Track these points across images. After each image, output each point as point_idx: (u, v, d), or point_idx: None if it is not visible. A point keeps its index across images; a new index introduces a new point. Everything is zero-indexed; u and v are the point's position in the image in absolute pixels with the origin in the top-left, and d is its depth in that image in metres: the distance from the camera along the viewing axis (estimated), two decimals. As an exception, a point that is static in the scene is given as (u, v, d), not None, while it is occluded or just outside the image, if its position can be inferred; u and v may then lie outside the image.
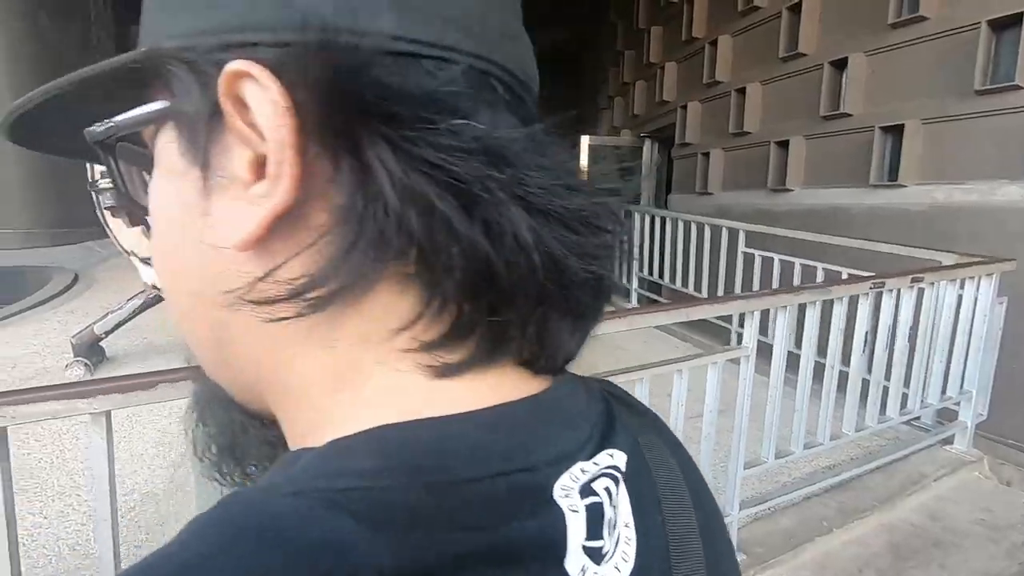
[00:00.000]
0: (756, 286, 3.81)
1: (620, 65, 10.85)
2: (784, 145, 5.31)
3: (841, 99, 4.51)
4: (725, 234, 4.21)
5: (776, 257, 3.88)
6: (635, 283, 5.41)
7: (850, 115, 4.43)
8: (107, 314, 3.68)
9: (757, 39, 6.35)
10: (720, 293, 4.29)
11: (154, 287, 3.02)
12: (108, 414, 1.08)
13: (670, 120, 8.45)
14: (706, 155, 6.89)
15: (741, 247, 4.03)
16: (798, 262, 3.72)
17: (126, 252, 3.28)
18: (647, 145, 10.05)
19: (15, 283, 6.02)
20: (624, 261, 0.31)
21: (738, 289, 4.11)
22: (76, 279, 6.02)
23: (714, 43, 7.00)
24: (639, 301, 5.44)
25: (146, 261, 3.16)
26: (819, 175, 4.83)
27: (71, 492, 2.52)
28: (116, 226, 3.29)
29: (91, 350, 3.70)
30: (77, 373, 3.57)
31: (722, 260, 4.21)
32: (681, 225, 4.73)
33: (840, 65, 4.55)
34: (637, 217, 5.40)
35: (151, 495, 2.53)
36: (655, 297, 5.31)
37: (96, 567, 1.22)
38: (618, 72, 11.02)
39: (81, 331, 3.68)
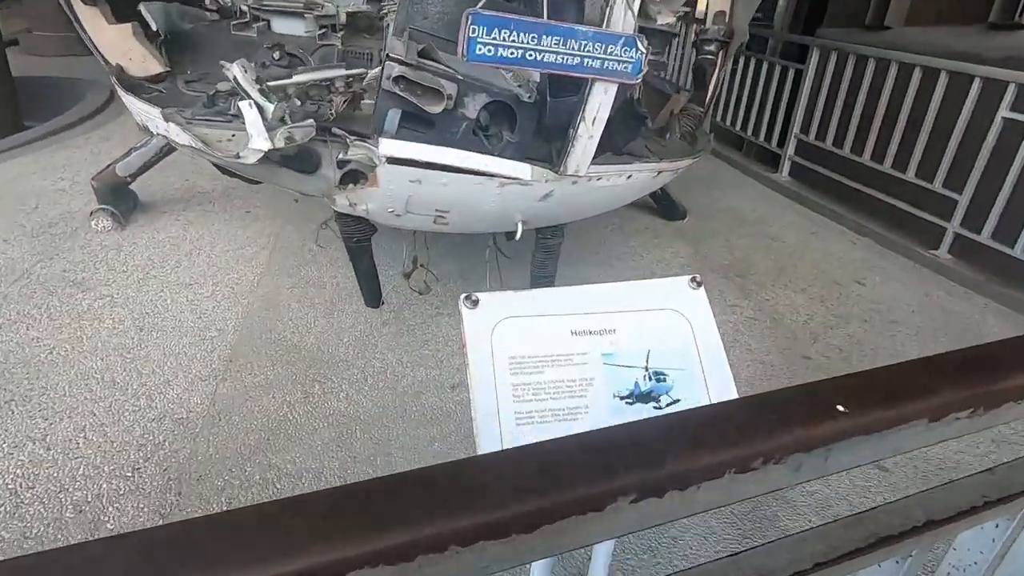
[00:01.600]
0: (1016, 169, 2.65)
1: None
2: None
3: None
4: (976, 86, 2.91)
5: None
6: (791, 148, 4.16)
7: None
8: (130, 151, 2.91)
9: None
10: (943, 173, 3.11)
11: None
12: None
13: (836, -80, 6.38)
14: (889, -27, 5.15)
15: (1004, 110, 2.77)
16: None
17: (106, 63, 2.33)
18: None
19: (48, 96, 5.31)
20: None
21: (977, 172, 2.92)
22: (112, 97, 5.23)
23: None
24: (792, 174, 4.24)
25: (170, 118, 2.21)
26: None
27: None
28: (91, 20, 2.30)
29: (117, 195, 3.01)
30: (104, 224, 2.91)
31: (958, 126, 2.96)
32: (895, 69, 3.35)
33: None
34: (816, 55, 3.99)
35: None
36: (816, 168, 4.08)
37: None
38: None
39: (101, 171, 2.96)
